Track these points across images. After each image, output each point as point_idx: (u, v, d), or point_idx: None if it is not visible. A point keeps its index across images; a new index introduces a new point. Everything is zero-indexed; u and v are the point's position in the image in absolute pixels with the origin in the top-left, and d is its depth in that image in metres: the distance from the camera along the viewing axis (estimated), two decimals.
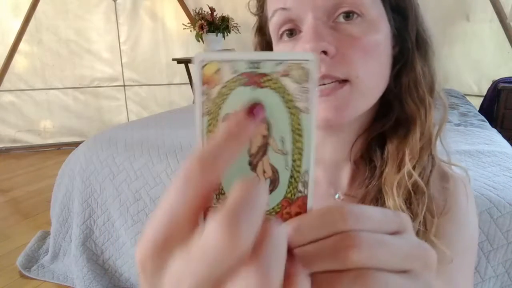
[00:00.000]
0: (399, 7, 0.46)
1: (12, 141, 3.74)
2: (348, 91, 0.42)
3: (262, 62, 0.21)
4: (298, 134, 0.22)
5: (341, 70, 0.42)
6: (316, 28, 0.41)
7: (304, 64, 0.21)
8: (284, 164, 0.22)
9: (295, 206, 0.23)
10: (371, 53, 0.43)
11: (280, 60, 0.21)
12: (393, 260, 0.21)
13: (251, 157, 0.22)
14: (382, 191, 0.47)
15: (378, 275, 0.20)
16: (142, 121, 2.19)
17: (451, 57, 2.91)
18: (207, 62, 0.21)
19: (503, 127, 2.56)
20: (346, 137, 0.50)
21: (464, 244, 0.48)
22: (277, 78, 0.21)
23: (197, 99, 0.21)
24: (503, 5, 2.78)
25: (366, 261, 0.20)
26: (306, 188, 0.23)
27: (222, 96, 0.21)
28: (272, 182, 0.22)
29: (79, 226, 1.66)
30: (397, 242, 0.22)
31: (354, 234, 0.20)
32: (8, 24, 3.53)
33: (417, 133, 0.46)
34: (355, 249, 0.20)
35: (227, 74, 0.21)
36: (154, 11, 3.85)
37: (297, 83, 0.21)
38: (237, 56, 0.21)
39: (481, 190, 1.12)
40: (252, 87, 0.21)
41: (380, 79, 0.46)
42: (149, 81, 3.98)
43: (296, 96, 0.21)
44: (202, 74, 0.21)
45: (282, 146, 0.22)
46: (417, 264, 0.22)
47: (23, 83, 3.69)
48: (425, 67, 0.48)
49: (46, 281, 1.75)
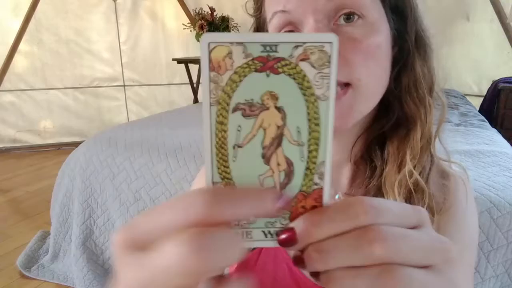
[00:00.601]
0: (398, 8, 0.46)
1: (12, 141, 3.74)
2: (351, 96, 0.42)
3: (278, 45, 0.19)
4: (315, 123, 0.20)
5: (343, 73, 0.41)
6: (317, 31, 0.41)
7: (325, 46, 0.19)
8: (300, 156, 0.21)
9: (311, 199, 0.22)
10: (372, 55, 0.43)
11: (299, 43, 0.19)
12: (415, 254, 0.20)
13: (265, 149, 0.21)
14: (382, 190, 0.47)
15: (403, 271, 0.20)
16: (142, 121, 2.19)
17: (451, 57, 2.91)
18: (216, 45, 0.19)
19: (503, 127, 2.56)
20: (347, 138, 0.51)
21: (464, 241, 0.48)
22: (295, 63, 0.19)
23: (205, 87, 0.19)
24: (503, 5, 2.78)
25: (391, 255, 0.19)
26: (322, 180, 0.21)
27: (233, 84, 0.19)
28: (287, 175, 0.21)
29: (79, 226, 1.66)
30: (419, 236, 0.21)
31: (378, 228, 0.20)
32: (8, 24, 3.53)
33: (417, 133, 0.46)
34: (379, 243, 0.19)
35: (239, 58, 0.19)
36: (154, 11, 3.85)
37: (316, 68, 0.20)
38: (250, 38, 0.19)
39: (481, 190, 1.12)
40: (266, 73, 0.19)
41: (381, 81, 0.46)
42: (149, 81, 3.97)
43: (314, 82, 0.20)
44: (210, 59, 0.19)
45: (298, 137, 0.21)
46: (438, 258, 0.22)
47: (23, 83, 3.69)
48: (425, 67, 0.48)
49: (46, 281, 1.75)
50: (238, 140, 0.20)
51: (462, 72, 3.01)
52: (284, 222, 0.22)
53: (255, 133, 0.20)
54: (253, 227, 0.22)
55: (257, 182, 0.21)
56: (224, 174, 0.21)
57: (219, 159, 0.21)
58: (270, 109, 0.20)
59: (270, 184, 0.21)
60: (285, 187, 0.21)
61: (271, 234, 0.22)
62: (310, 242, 0.21)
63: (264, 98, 0.20)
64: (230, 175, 0.21)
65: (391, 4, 0.46)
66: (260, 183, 0.21)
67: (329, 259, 0.20)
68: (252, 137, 0.20)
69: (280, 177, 0.21)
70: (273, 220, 0.22)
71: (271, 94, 0.20)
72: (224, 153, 0.20)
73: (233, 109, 0.20)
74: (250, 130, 0.20)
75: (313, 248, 0.20)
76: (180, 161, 1.54)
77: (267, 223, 0.22)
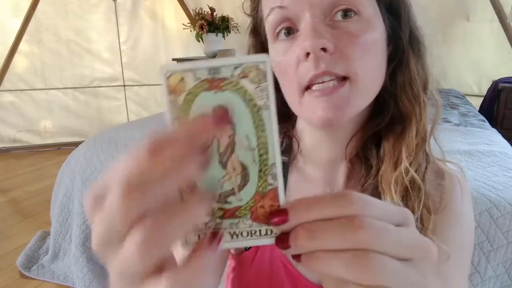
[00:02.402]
0: (392, 7, 0.47)
1: (12, 141, 3.74)
2: (348, 89, 0.43)
3: (221, 68, 0.23)
4: (261, 129, 0.24)
5: (341, 66, 0.42)
6: (314, 25, 0.41)
7: (260, 65, 0.23)
8: (252, 159, 0.24)
9: (268, 199, 0.24)
10: (368, 50, 0.43)
11: (237, 64, 0.23)
12: (395, 246, 0.22)
13: (220, 156, 0.24)
14: (378, 189, 0.47)
15: (377, 257, 0.22)
16: (142, 121, 2.19)
17: (451, 57, 2.91)
18: (171, 73, 0.23)
19: (503, 127, 2.56)
20: (341, 136, 0.51)
21: (460, 240, 0.48)
22: (236, 81, 0.23)
23: (166, 107, 0.23)
24: (503, 5, 2.78)
25: (371, 242, 0.22)
26: (275, 180, 0.24)
27: (188, 103, 0.23)
28: (243, 177, 0.24)
29: (79, 226, 1.66)
30: (400, 231, 0.23)
31: (363, 217, 0.22)
32: (8, 24, 3.53)
33: (413, 130, 0.47)
34: (361, 230, 0.21)
35: (190, 81, 0.23)
36: (154, 11, 3.85)
37: (255, 83, 0.23)
38: (197, 65, 0.23)
39: (481, 190, 1.12)
40: (214, 91, 0.23)
41: (377, 77, 0.46)
42: (149, 81, 3.97)
43: (255, 95, 0.23)
44: (168, 85, 0.23)
45: (248, 143, 0.24)
46: (418, 254, 0.23)
47: (23, 83, 3.70)
48: (419, 64, 0.48)
49: (46, 281, 1.75)
50: None
51: (462, 72, 3.01)
52: (246, 222, 0.24)
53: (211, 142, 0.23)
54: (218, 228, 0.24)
55: (217, 186, 0.24)
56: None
57: None
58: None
59: (229, 187, 0.24)
60: (242, 188, 0.24)
61: (236, 235, 0.24)
62: (299, 222, 0.23)
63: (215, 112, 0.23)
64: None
65: (386, 3, 0.46)
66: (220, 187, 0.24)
67: (315, 239, 0.22)
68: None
69: (237, 180, 0.24)
70: (236, 221, 0.24)
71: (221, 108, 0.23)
72: None
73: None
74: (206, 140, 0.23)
75: (302, 227, 0.23)
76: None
77: (232, 224, 0.24)
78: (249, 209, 0.24)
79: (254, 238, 0.25)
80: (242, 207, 0.24)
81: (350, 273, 0.21)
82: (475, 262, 1.07)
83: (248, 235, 0.24)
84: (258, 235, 0.24)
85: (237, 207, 0.24)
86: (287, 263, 0.52)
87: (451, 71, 2.97)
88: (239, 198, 0.24)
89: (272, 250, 0.53)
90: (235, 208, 0.24)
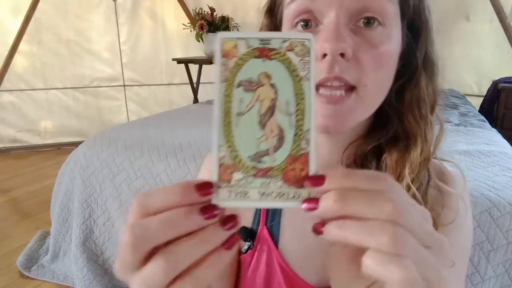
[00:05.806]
0: (414, 25, 0.47)
1: (12, 141, 3.74)
2: (354, 101, 0.43)
3: (271, 39, 0.26)
4: (301, 97, 0.26)
5: (352, 75, 0.41)
6: (338, 27, 0.40)
7: (305, 42, 0.26)
8: (289, 123, 0.26)
9: (299, 162, 0.26)
10: (383, 63, 0.43)
11: (286, 38, 0.26)
12: (417, 227, 0.24)
13: (261, 117, 0.26)
14: None
15: (402, 229, 0.23)
16: (142, 121, 2.19)
17: (451, 57, 2.91)
18: (226, 39, 0.26)
19: (503, 127, 2.56)
20: (340, 141, 0.51)
21: (459, 244, 0.48)
22: (283, 52, 0.26)
23: (217, 69, 0.26)
24: (503, 5, 2.78)
25: (397, 216, 0.23)
26: (308, 145, 0.26)
27: (238, 66, 0.26)
28: (279, 139, 0.26)
29: (79, 226, 1.66)
30: (423, 220, 0.25)
31: (392, 194, 0.24)
32: (8, 24, 3.53)
33: (418, 149, 0.47)
34: (391, 203, 0.23)
35: (243, 48, 0.26)
36: (154, 11, 3.85)
37: (299, 56, 0.26)
38: (250, 35, 0.26)
39: (481, 190, 1.12)
40: (262, 59, 0.26)
41: (382, 91, 0.46)
42: (149, 81, 3.97)
43: (298, 67, 0.26)
44: (222, 49, 0.26)
45: (287, 108, 0.26)
46: (436, 244, 0.25)
47: (23, 83, 3.69)
48: (430, 86, 0.48)
49: (46, 281, 1.75)
50: (240, 109, 0.26)
51: (462, 72, 3.01)
52: (277, 183, 0.26)
53: (254, 103, 0.26)
54: (249, 187, 0.26)
55: (254, 144, 0.26)
56: (228, 137, 0.26)
57: (224, 125, 0.26)
58: (265, 85, 0.26)
59: (265, 148, 0.26)
60: (277, 150, 0.26)
61: (266, 195, 0.26)
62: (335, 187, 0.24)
63: (260, 77, 0.26)
64: (232, 138, 0.26)
65: (409, 20, 0.46)
66: (257, 146, 0.26)
67: (345, 202, 0.24)
68: (251, 107, 0.26)
69: (273, 141, 0.26)
70: (267, 181, 0.26)
71: (266, 74, 0.26)
72: (229, 120, 0.26)
73: (237, 85, 0.26)
74: (250, 101, 0.26)
75: (336, 191, 0.24)
76: (180, 161, 1.54)
77: (263, 183, 0.26)
78: (281, 170, 0.26)
79: (282, 200, 0.26)
80: (275, 168, 0.26)
81: (374, 240, 0.23)
82: (475, 262, 1.07)
83: (277, 197, 0.26)
84: (286, 198, 0.26)
85: (270, 168, 0.26)
86: (285, 265, 0.52)
87: (451, 71, 2.96)
88: (273, 159, 0.26)
89: (270, 252, 0.53)
90: (267, 168, 0.26)
